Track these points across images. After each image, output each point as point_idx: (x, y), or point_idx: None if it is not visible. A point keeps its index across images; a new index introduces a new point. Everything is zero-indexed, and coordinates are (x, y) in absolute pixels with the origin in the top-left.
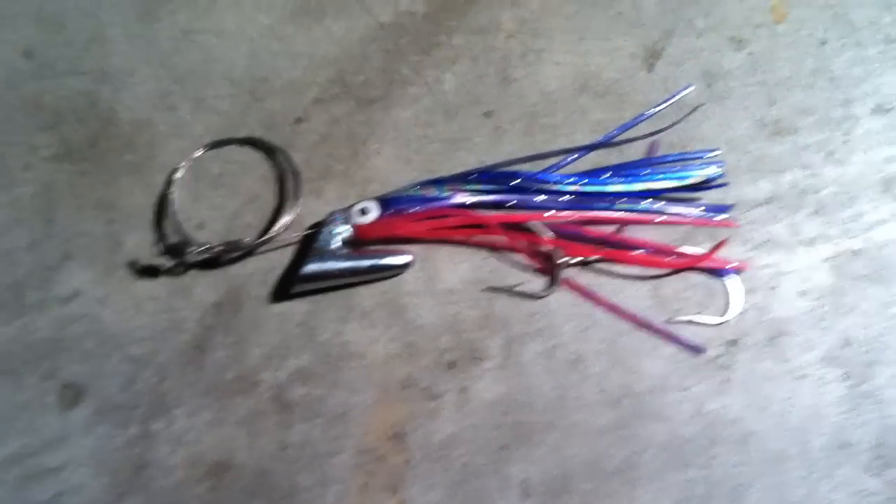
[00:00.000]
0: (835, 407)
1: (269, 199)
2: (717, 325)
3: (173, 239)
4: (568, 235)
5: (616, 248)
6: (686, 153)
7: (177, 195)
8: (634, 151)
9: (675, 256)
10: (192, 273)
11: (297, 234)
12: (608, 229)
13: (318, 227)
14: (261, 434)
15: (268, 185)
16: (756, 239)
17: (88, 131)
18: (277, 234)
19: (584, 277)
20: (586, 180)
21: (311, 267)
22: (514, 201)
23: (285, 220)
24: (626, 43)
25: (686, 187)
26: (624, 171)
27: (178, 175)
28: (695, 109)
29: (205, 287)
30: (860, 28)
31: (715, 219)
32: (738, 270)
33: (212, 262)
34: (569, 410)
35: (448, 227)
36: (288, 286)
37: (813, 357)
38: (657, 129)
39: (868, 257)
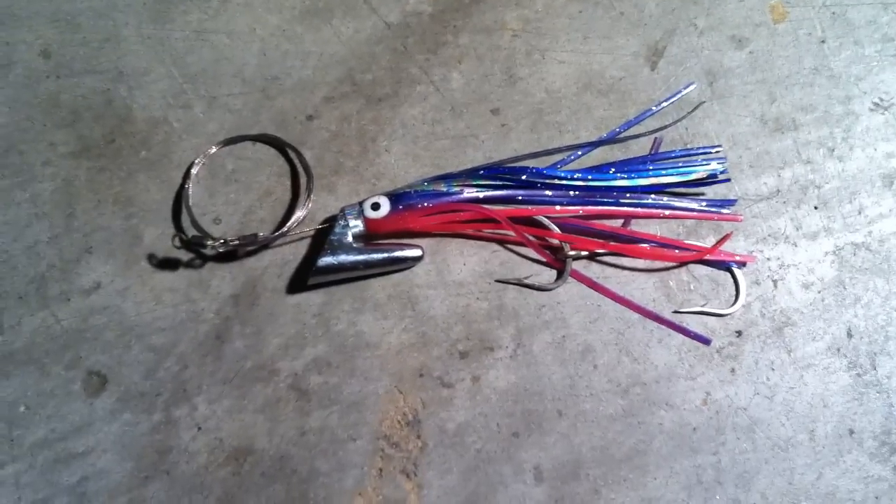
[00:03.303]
0: (840, 396)
1: (282, 195)
2: (724, 316)
3: (190, 233)
4: (575, 229)
5: (623, 242)
6: (689, 149)
7: (192, 191)
8: (638, 148)
9: (680, 250)
10: (210, 266)
11: (310, 229)
12: (615, 223)
13: (330, 221)
14: (280, 420)
15: (280, 181)
16: (760, 233)
17: (105, 129)
18: (291, 229)
19: (591, 270)
20: (591, 176)
21: (326, 260)
22: (522, 196)
23: (299, 214)
24: (629, 42)
25: (689, 182)
26: (628, 166)
27: (194, 171)
28: (697, 107)
29: (222, 279)
30: (858, 27)
31: (720, 213)
32: (742, 263)
33: (228, 256)
34: (578, 399)
35: (457, 221)
36: (303, 278)
37: (818, 347)
38: (660, 126)
39: (870, 250)
